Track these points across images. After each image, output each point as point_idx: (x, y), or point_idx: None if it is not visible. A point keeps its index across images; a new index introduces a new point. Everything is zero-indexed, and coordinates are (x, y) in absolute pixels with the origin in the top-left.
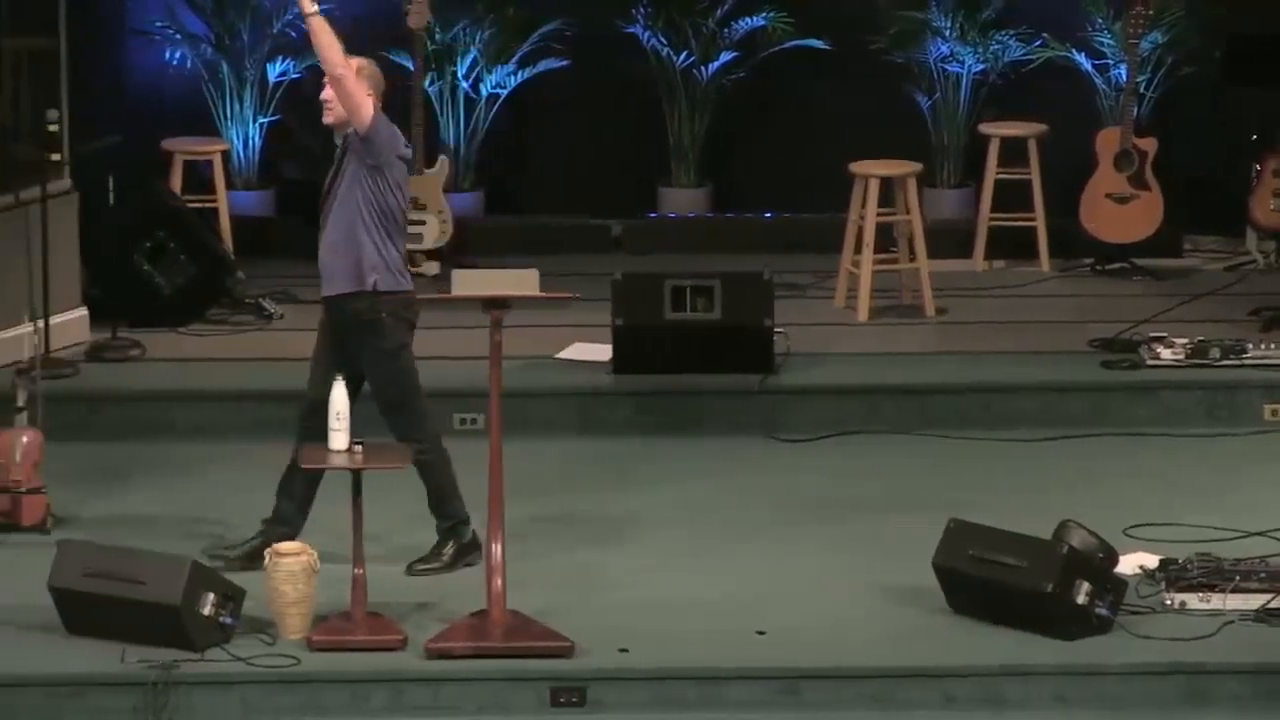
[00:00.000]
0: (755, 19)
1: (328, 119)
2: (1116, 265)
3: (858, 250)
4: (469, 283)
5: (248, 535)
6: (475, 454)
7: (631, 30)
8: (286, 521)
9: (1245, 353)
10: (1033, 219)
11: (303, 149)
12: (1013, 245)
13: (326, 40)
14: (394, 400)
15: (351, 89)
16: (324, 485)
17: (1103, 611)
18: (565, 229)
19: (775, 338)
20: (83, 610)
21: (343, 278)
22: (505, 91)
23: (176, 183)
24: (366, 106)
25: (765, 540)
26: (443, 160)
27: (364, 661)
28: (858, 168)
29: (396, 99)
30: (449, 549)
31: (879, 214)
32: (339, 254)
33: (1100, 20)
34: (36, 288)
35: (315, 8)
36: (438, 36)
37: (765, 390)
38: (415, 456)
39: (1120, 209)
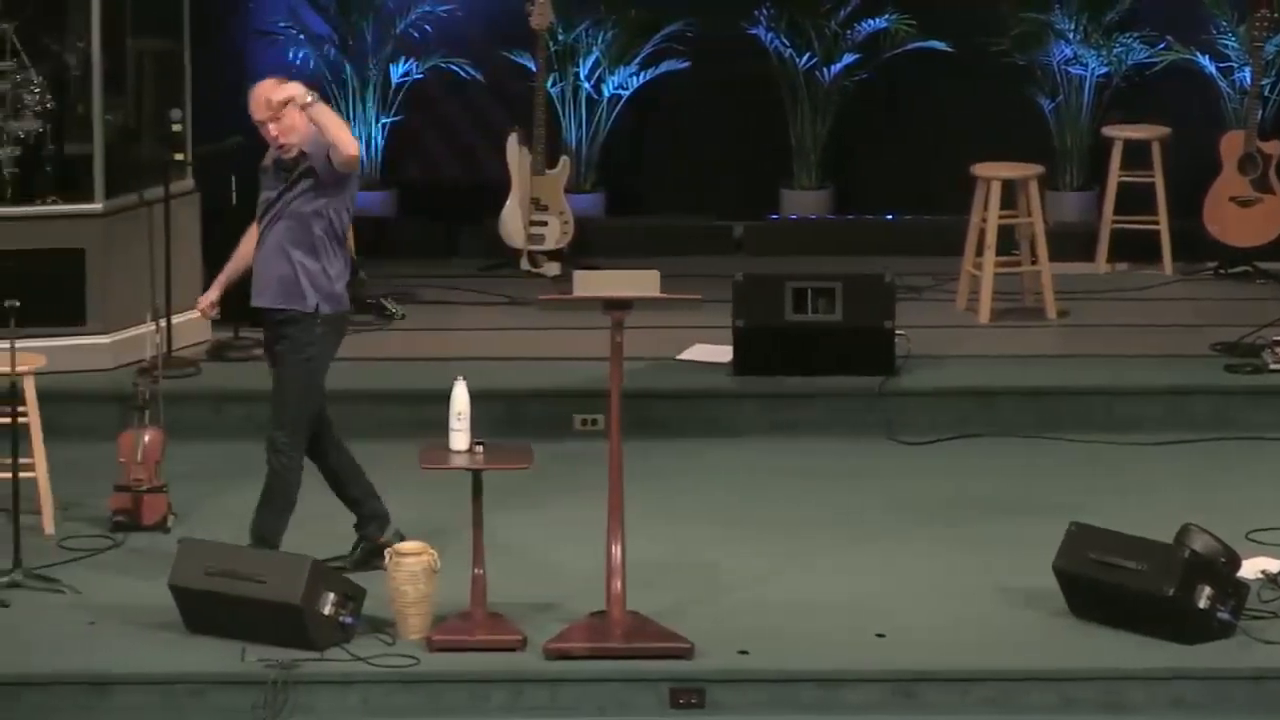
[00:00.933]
0: (878, 20)
1: (287, 155)
2: (1240, 269)
3: (979, 252)
4: (590, 283)
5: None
6: (595, 454)
7: (754, 31)
8: (375, 516)
9: None
10: (1156, 222)
11: (424, 150)
12: (1136, 248)
13: (337, 125)
14: (286, 400)
15: (352, 143)
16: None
17: (1224, 616)
18: (686, 230)
19: (896, 340)
20: (203, 609)
21: (282, 294)
22: (627, 92)
23: None
24: (357, 149)
25: (885, 542)
26: (564, 161)
27: (483, 662)
28: (980, 170)
29: (519, 100)
30: None
31: (1001, 216)
32: (279, 268)
33: (1224, 23)
34: (159, 287)
35: (310, 97)
36: (560, 37)
37: (886, 392)
38: (271, 462)
39: (1244, 212)
